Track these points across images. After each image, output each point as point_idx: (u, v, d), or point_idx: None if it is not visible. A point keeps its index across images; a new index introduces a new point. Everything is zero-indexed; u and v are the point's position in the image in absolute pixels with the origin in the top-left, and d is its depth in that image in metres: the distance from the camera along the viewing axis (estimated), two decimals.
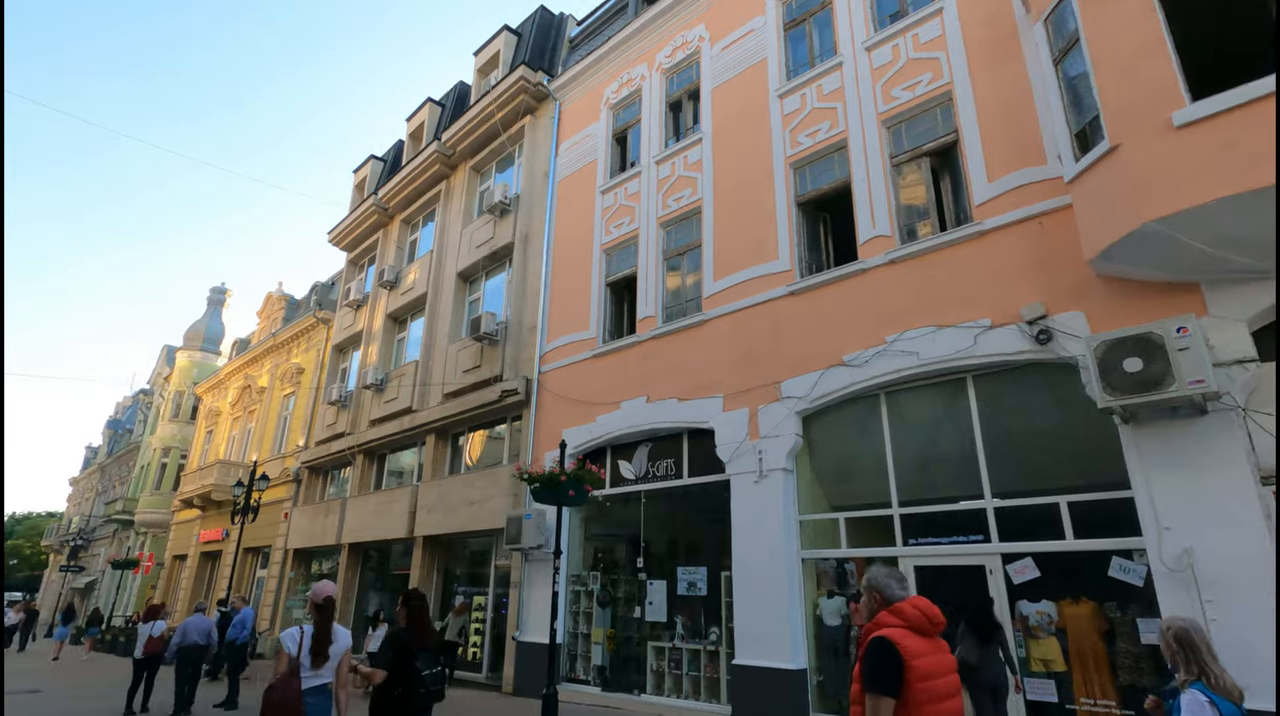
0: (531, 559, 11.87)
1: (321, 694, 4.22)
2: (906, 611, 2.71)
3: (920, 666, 2.54)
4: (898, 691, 2.48)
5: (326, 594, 4.54)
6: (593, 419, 11.68)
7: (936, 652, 2.67)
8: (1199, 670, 2.85)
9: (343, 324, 21.19)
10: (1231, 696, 2.79)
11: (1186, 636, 2.94)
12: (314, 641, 4.24)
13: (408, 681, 4.29)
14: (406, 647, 4.43)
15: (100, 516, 40.97)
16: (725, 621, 9.31)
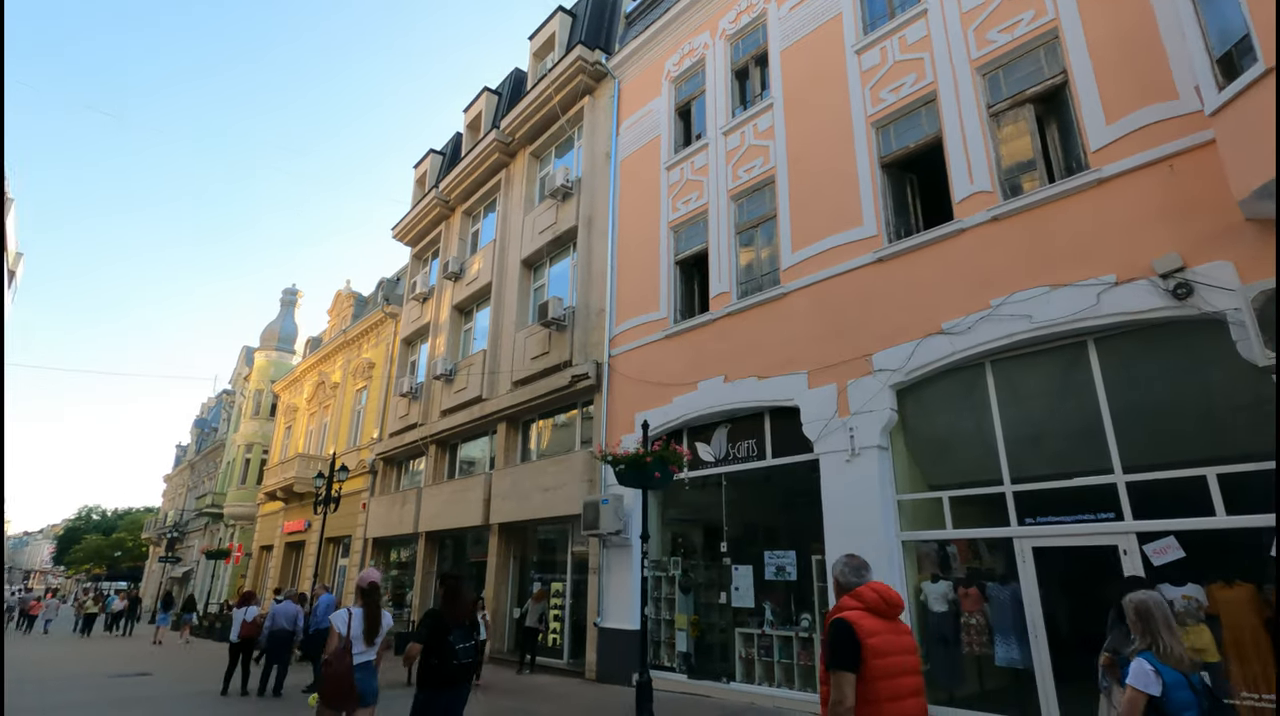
0: (609, 544, 11.67)
1: (367, 670, 4.72)
2: (864, 595, 2.99)
3: (874, 644, 2.79)
4: (857, 666, 2.73)
5: (371, 580, 5.02)
6: (668, 401, 11.35)
7: (892, 633, 2.92)
8: (1151, 640, 3.02)
9: (410, 317, 21.50)
10: (1180, 665, 2.94)
11: (1145, 608, 3.10)
12: (366, 622, 4.78)
13: (443, 654, 4.72)
14: (442, 623, 4.83)
15: (192, 510, 43.33)
16: (818, 607, 8.86)
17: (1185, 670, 2.95)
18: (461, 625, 4.94)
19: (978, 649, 7.44)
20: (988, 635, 7.39)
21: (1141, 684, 2.92)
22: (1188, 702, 2.86)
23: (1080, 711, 6.58)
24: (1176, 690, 2.87)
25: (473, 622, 5.17)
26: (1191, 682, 2.94)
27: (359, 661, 4.68)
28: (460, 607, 5.02)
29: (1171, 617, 3.09)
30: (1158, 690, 2.90)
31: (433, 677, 4.77)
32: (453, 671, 4.77)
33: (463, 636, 4.88)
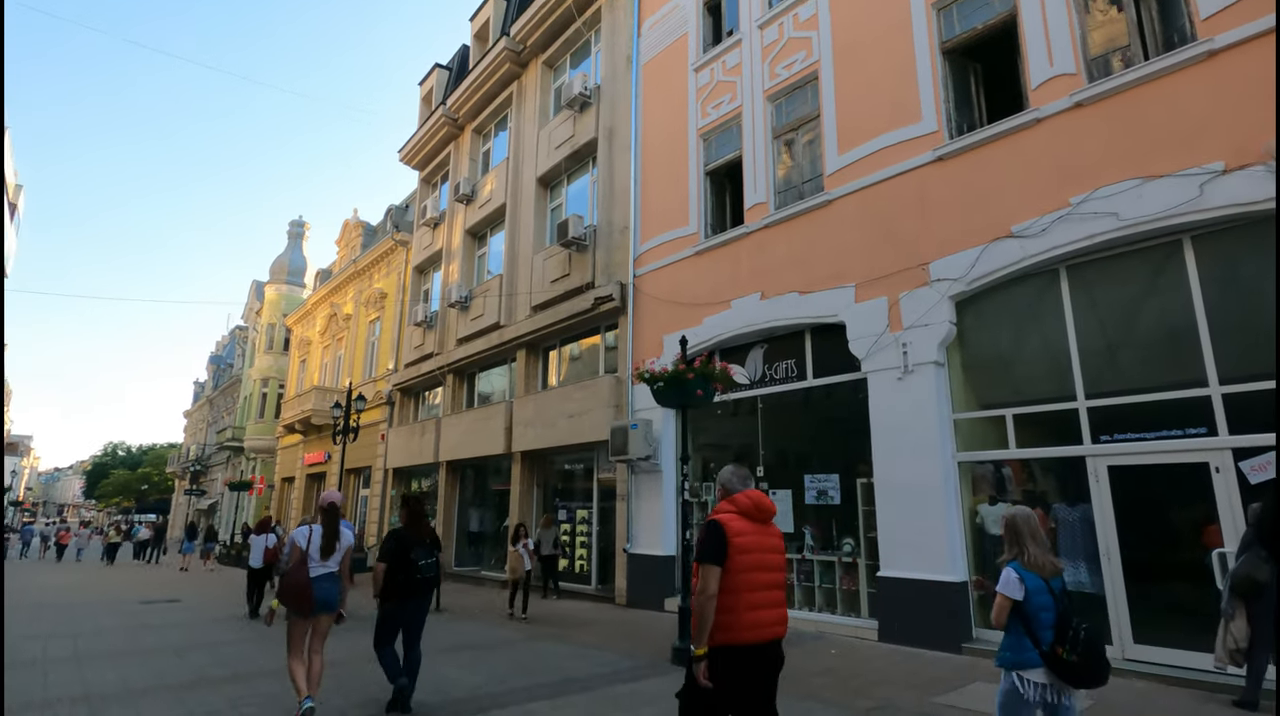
0: (638, 470, 11.31)
1: (329, 579, 5.03)
2: (739, 500, 3.25)
3: (739, 542, 3.08)
4: (721, 561, 3.03)
5: (331, 500, 5.32)
6: (698, 321, 10.72)
7: (760, 534, 3.20)
8: (1018, 550, 3.28)
9: (421, 244, 20.76)
10: (1042, 571, 3.22)
11: (1014, 523, 3.36)
12: (324, 538, 5.04)
13: (407, 568, 5.15)
14: (405, 541, 5.24)
15: (214, 445, 43.93)
16: (864, 531, 8.47)
17: (1046, 576, 3.21)
18: (423, 543, 5.35)
19: None
20: None
21: (1007, 589, 3.22)
22: (1046, 605, 3.16)
23: (1152, 635, 6.20)
24: (1037, 595, 3.17)
25: (433, 541, 5.57)
26: (1051, 587, 3.22)
27: (317, 573, 4.97)
28: (422, 527, 5.48)
29: (1039, 531, 3.32)
30: (1020, 594, 3.18)
31: (397, 590, 5.19)
32: (415, 584, 5.21)
33: (424, 553, 5.28)
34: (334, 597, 5.03)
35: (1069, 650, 3.07)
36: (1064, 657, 3.07)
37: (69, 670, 6.78)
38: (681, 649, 6.77)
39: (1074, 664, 3.07)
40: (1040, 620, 3.16)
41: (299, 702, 4.73)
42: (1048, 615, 3.17)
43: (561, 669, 6.55)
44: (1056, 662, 3.09)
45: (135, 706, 5.43)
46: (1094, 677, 3.10)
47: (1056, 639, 3.12)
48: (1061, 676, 3.10)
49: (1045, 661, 3.12)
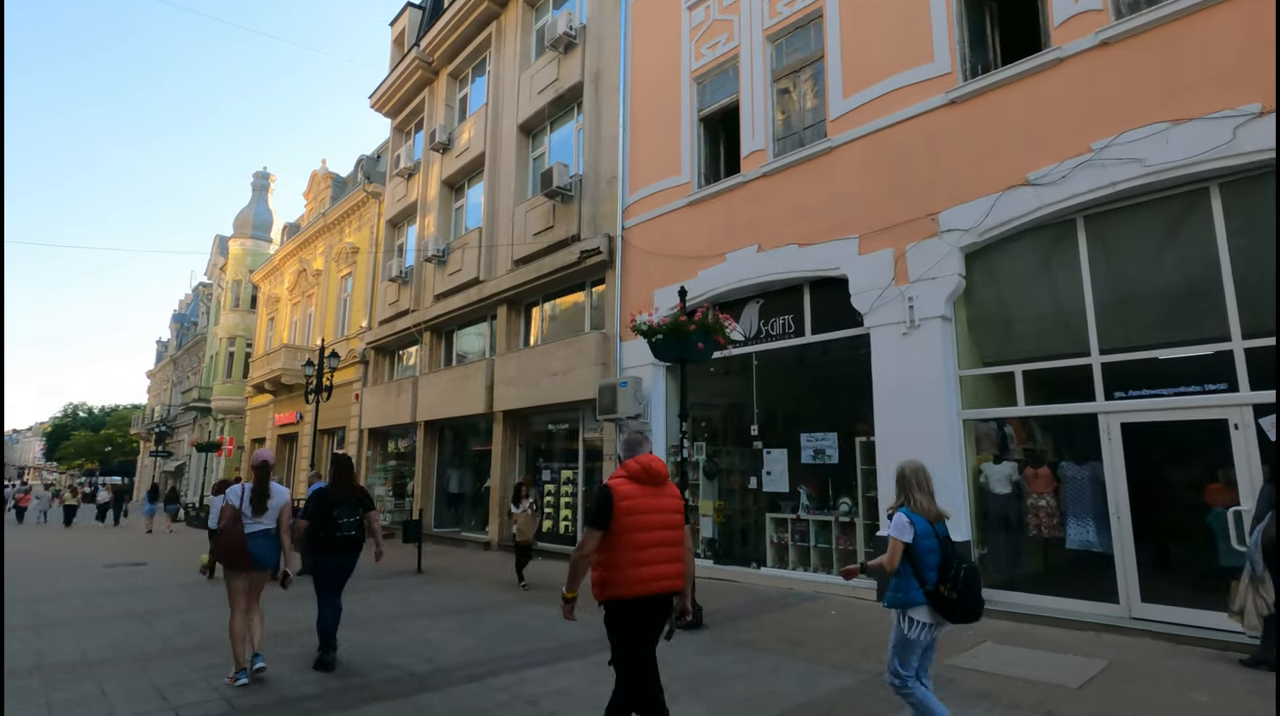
0: (626, 430, 10.95)
1: (265, 537, 5.02)
2: (630, 466, 3.35)
3: (626, 505, 3.20)
4: (605, 524, 3.17)
5: (263, 459, 5.32)
6: (692, 275, 10.27)
7: (650, 496, 3.30)
8: (906, 497, 3.51)
9: (395, 196, 19.84)
10: (928, 516, 3.44)
11: (903, 474, 3.57)
12: (253, 496, 5.04)
13: (329, 526, 5.30)
14: (328, 499, 5.39)
15: (179, 405, 42.69)
16: (862, 490, 8.26)
17: (931, 520, 3.44)
18: (348, 501, 5.46)
19: (1046, 532, 6.88)
20: (1058, 517, 6.80)
21: (899, 533, 3.43)
22: (932, 547, 3.39)
23: (1160, 593, 6.09)
24: (924, 538, 3.40)
25: (360, 499, 5.59)
26: (936, 531, 3.44)
27: (252, 530, 4.99)
28: (347, 485, 5.57)
29: (925, 482, 3.56)
30: (910, 537, 3.40)
31: (319, 546, 5.36)
32: (336, 541, 5.34)
33: (348, 511, 5.41)
34: (269, 555, 5.05)
35: (950, 587, 3.31)
36: (945, 595, 3.31)
37: (23, 639, 6.31)
38: None
39: (953, 601, 3.31)
40: (926, 561, 3.39)
41: (236, 673, 4.78)
42: (933, 556, 3.39)
43: (555, 633, 6.26)
44: (939, 600, 3.32)
45: (95, 677, 5.00)
46: (970, 613, 3.37)
47: (939, 578, 3.34)
48: (942, 613, 3.35)
49: (929, 600, 3.34)
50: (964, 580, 3.33)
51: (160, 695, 4.57)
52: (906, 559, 3.41)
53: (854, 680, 4.87)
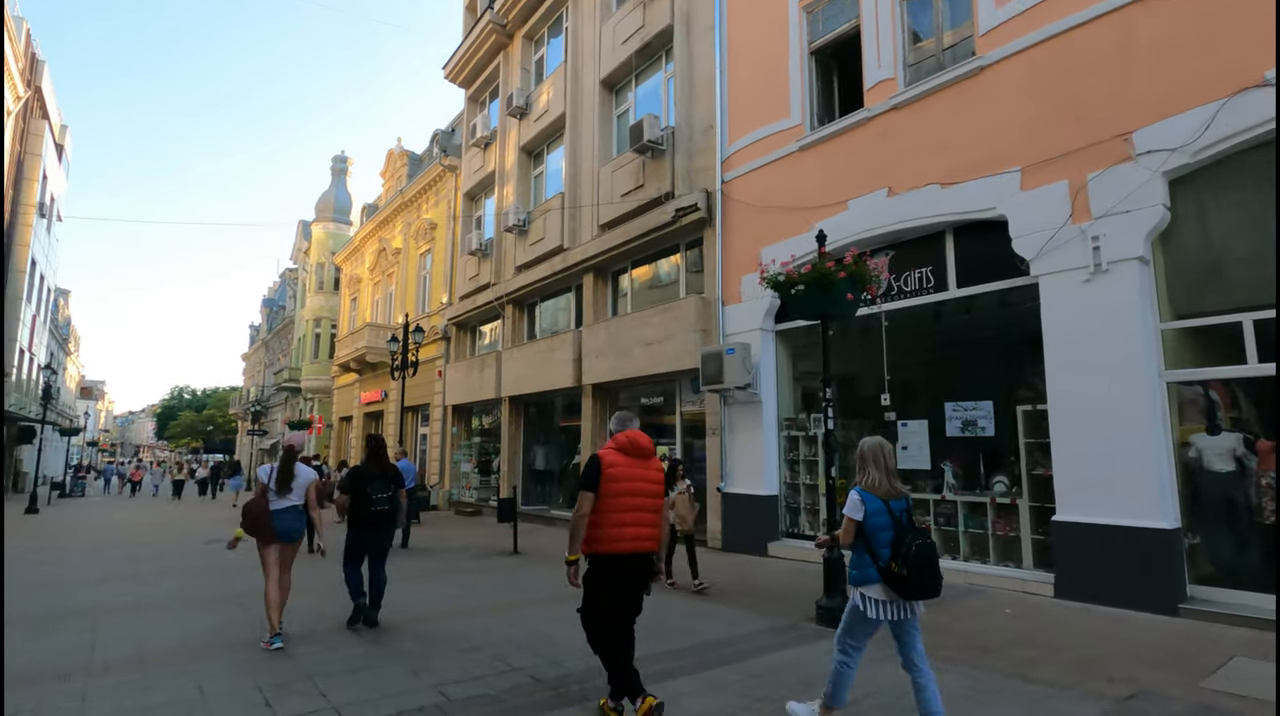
0: (733, 401, 10.04)
1: (290, 512, 5.36)
2: (618, 438, 3.76)
3: (612, 473, 3.61)
4: (594, 487, 3.59)
5: (289, 443, 5.68)
6: (804, 228, 9.16)
7: (634, 467, 3.67)
8: (863, 476, 3.51)
9: (471, 168, 19.36)
10: (878, 492, 3.42)
11: (862, 453, 3.57)
12: (278, 475, 5.36)
13: (363, 500, 5.71)
14: (362, 476, 5.79)
15: (271, 386, 44.51)
16: (1027, 467, 7.06)
17: (884, 498, 3.40)
18: (382, 477, 5.84)
19: None
20: None
21: (850, 511, 3.45)
22: (884, 525, 3.36)
23: None
24: (875, 515, 3.38)
25: (393, 476, 5.91)
26: (890, 509, 3.39)
27: (279, 507, 5.33)
28: (380, 463, 5.95)
29: (883, 459, 3.49)
30: (860, 515, 3.40)
31: (355, 519, 5.78)
32: (371, 515, 5.74)
33: (381, 487, 5.79)
34: (294, 530, 5.41)
35: (900, 564, 3.22)
36: (896, 572, 3.23)
37: (127, 622, 6.01)
38: (828, 606, 5.60)
39: (903, 577, 3.21)
40: (879, 539, 3.34)
41: (271, 637, 5.09)
42: (885, 534, 3.34)
43: (690, 630, 5.46)
44: (891, 577, 3.26)
45: (193, 672, 4.53)
46: (923, 589, 3.24)
47: (892, 555, 3.27)
48: (895, 590, 3.26)
49: (882, 577, 3.29)
50: (915, 556, 3.22)
51: (263, 698, 4.02)
52: (860, 536, 3.41)
53: (1098, 710, 3.82)
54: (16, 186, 24.28)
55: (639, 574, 3.67)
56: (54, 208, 30.29)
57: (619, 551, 3.58)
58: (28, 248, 25.02)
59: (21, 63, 22.92)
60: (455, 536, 12.50)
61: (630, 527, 3.58)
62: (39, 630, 5.73)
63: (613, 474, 3.58)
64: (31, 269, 25.92)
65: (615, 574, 3.61)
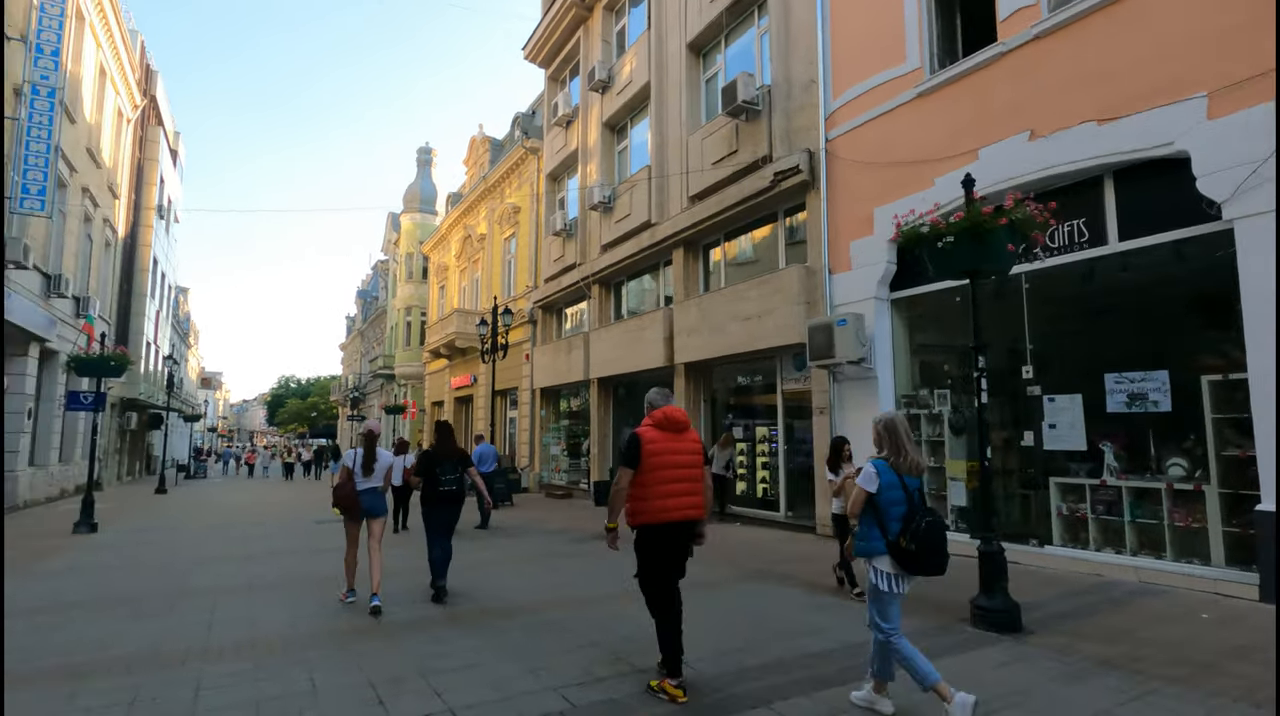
0: (843, 377, 9.27)
1: (373, 493, 5.98)
2: (655, 415, 3.91)
3: (651, 448, 3.76)
4: (635, 464, 3.75)
5: (369, 429, 6.28)
6: (926, 183, 8.25)
7: (672, 441, 3.84)
8: (884, 451, 3.50)
9: (553, 148, 19.10)
10: (898, 469, 3.43)
11: (883, 426, 3.54)
12: (364, 459, 5.96)
13: (433, 482, 6.19)
14: (433, 459, 6.25)
15: (368, 374, 46.55)
16: (1216, 448, 6.00)
17: (901, 472, 3.42)
18: (450, 460, 6.25)
19: None
20: None
21: (864, 482, 3.45)
22: (897, 499, 3.38)
23: None
24: (889, 489, 3.39)
25: (461, 458, 6.35)
26: (905, 484, 3.41)
27: (363, 487, 5.91)
28: (448, 447, 6.35)
29: (902, 435, 3.47)
30: (874, 487, 3.41)
31: (428, 498, 6.22)
32: (440, 495, 6.17)
33: (450, 469, 6.21)
34: (379, 506, 6.00)
35: (909, 540, 3.27)
36: (904, 546, 3.29)
37: (239, 604, 6.00)
38: (988, 607, 4.86)
39: (912, 552, 3.27)
40: (890, 513, 3.37)
41: (347, 591, 5.91)
42: (898, 508, 3.37)
43: (830, 630, 4.87)
44: (898, 552, 3.32)
45: (305, 662, 4.34)
46: (929, 566, 3.30)
47: (902, 530, 3.32)
48: (902, 564, 3.34)
49: (890, 551, 3.35)
50: (923, 532, 3.26)
51: (376, 696, 3.74)
52: (871, 509, 3.43)
53: None
54: (137, 190, 26.04)
55: (685, 539, 3.89)
56: (171, 209, 32.47)
57: (666, 520, 3.77)
58: (149, 247, 26.84)
59: (138, 73, 24.41)
60: (550, 519, 12.32)
61: (674, 498, 3.78)
62: (165, 609, 5.78)
63: (652, 449, 3.76)
64: (154, 267, 27.85)
65: (663, 540, 3.81)
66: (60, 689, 3.88)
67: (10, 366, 14.57)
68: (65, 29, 13.89)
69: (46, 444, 17.14)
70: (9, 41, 12.82)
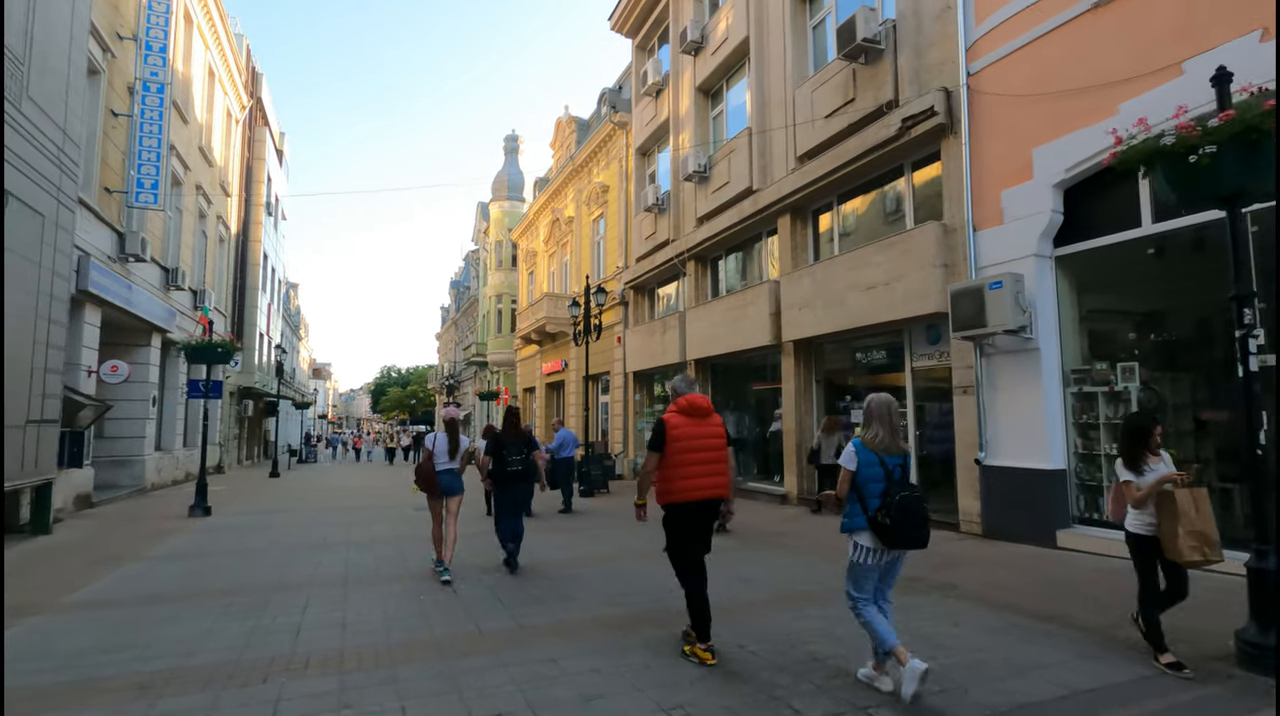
0: (995, 350, 7.93)
1: (451, 473, 6.54)
2: (680, 402, 4.20)
3: (676, 433, 4.07)
4: (661, 448, 4.08)
5: (451, 416, 6.87)
6: (1109, 111, 6.78)
7: (696, 426, 4.13)
8: (866, 431, 3.60)
9: (643, 120, 18.22)
10: (874, 448, 3.51)
11: (869, 407, 3.63)
12: (449, 443, 6.54)
13: (500, 462, 6.77)
14: (499, 441, 6.86)
15: (462, 361, 47.70)
16: None
17: (880, 452, 3.50)
18: (515, 442, 6.84)
19: None
20: None
21: (845, 461, 3.57)
22: (876, 476, 3.48)
23: None
24: (867, 467, 3.50)
25: (526, 441, 6.95)
26: (885, 462, 3.50)
27: (442, 468, 6.47)
28: (514, 430, 6.95)
29: (887, 416, 3.57)
30: (853, 466, 3.52)
31: (497, 477, 6.81)
32: (507, 474, 6.75)
33: (515, 450, 6.80)
34: (457, 485, 6.50)
35: (884, 514, 3.38)
36: (880, 521, 3.39)
37: (332, 603, 5.53)
38: (1259, 645, 3.62)
39: (887, 526, 3.36)
40: (869, 490, 3.48)
41: (436, 561, 6.47)
42: (876, 486, 3.46)
43: (1021, 663, 3.79)
44: (876, 526, 3.41)
45: (396, 680, 3.71)
46: (907, 539, 3.39)
47: (881, 506, 3.41)
48: (881, 538, 3.42)
49: (869, 525, 3.44)
50: (898, 506, 3.35)
51: None
52: (853, 487, 3.52)
53: None
54: (247, 188, 27.29)
55: (709, 516, 4.18)
56: (278, 207, 34.09)
57: (691, 499, 4.06)
58: (259, 243, 28.13)
59: (244, 76, 25.43)
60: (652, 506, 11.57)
61: (698, 478, 4.05)
62: (259, 606, 5.39)
63: (676, 434, 4.06)
64: (264, 262, 29.23)
65: (689, 517, 4.11)
66: (128, 705, 3.40)
67: (135, 356, 15.28)
68: (172, 27, 14.26)
69: (171, 430, 18.08)
70: (122, 41, 13.23)
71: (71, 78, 9.69)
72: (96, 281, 11.94)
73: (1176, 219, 6.42)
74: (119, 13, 13.16)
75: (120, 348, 14.86)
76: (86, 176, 12.25)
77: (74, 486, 11.51)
